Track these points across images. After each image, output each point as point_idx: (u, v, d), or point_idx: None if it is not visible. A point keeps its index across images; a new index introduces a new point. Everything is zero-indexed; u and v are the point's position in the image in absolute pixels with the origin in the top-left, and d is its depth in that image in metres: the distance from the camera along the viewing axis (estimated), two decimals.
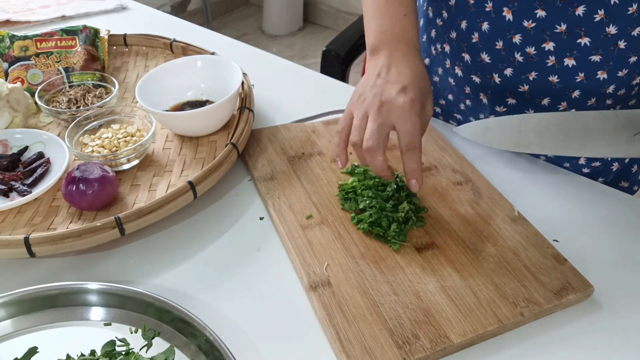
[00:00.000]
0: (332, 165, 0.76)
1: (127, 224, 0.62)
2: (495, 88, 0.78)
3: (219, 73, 0.84)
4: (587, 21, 0.67)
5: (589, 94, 0.74)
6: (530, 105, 0.77)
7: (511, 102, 0.78)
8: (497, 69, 0.76)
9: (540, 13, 0.69)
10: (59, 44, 0.93)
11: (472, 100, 0.83)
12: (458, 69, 0.81)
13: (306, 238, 0.65)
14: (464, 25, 0.77)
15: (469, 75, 0.80)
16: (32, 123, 0.84)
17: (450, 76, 0.83)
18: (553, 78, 0.73)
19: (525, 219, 0.67)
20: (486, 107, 0.81)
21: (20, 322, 0.56)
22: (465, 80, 0.81)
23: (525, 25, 0.70)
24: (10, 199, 0.68)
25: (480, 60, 0.77)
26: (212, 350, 0.51)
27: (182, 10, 3.22)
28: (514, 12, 0.70)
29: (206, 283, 0.62)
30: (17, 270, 0.63)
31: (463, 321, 0.55)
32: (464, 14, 0.76)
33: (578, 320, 0.58)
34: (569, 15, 0.68)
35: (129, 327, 0.55)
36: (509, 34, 0.72)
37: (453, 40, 0.80)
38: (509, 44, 0.73)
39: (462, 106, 0.86)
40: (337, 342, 0.53)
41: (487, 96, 0.80)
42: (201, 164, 0.75)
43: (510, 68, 0.75)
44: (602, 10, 0.66)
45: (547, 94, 0.75)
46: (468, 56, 0.78)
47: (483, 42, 0.75)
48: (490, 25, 0.73)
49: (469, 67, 0.79)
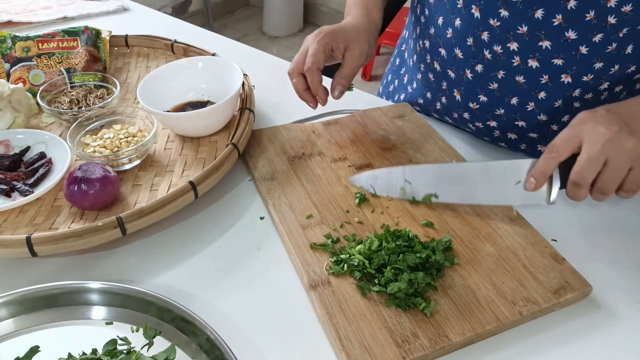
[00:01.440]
0: (332, 165, 0.77)
1: (129, 224, 0.62)
2: (468, 84, 0.81)
3: (220, 74, 0.85)
4: (546, 25, 0.69)
5: (554, 97, 0.75)
6: (501, 104, 0.79)
7: (483, 99, 0.81)
8: (469, 64, 0.79)
9: (503, 13, 0.71)
10: (61, 44, 0.93)
11: (447, 97, 0.86)
12: (436, 63, 0.85)
13: (306, 238, 0.65)
14: (440, 21, 0.81)
15: (445, 70, 0.83)
16: (33, 123, 0.84)
17: (430, 71, 0.87)
18: (519, 78, 0.75)
19: (523, 219, 0.68)
20: (460, 104, 0.84)
21: (22, 321, 0.56)
22: (442, 75, 0.84)
23: (491, 24, 0.73)
24: (12, 199, 0.69)
25: (454, 55, 0.80)
26: (213, 349, 0.52)
27: (183, 12, 3.23)
28: (481, 10, 0.73)
29: (207, 282, 0.62)
30: (19, 269, 0.64)
31: (462, 320, 0.55)
32: (441, 11, 0.80)
33: (576, 319, 0.58)
34: (529, 17, 0.69)
35: (130, 326, 0.55)
36: (477, 31, 0.75)
37: (432, 35, 0.84)
38: (478, 40, 0.75)
39: (437, 105, 0.89)
40: (337, 341, 0.54)
41: (460, 92, 0.83)
42: (202, 164, 0.75)
43: (480, 64, 0.77)
44: (559, 15, 0.67)
45: (515, 93, 0.77)
46: (444, 51, 0.82)
47: (456, 38, 0.78)
48: (461, 21, 0.76)
49: (445, 61, 0.83)
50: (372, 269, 0.59)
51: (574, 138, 0.58)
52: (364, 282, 0.59)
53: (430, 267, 0.60)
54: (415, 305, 0.56)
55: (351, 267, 0.60)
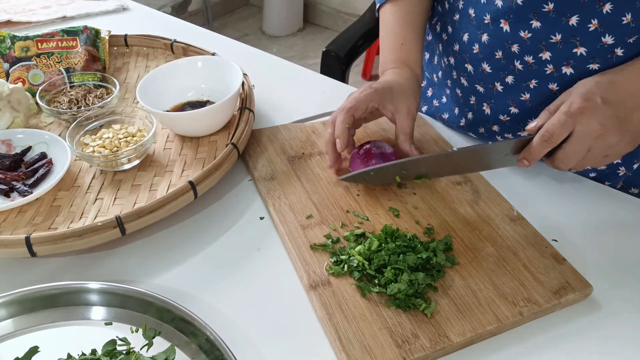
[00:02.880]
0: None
1: (128, 224, 0.62)
2: (499, 96, 0.79)
3: (220, 73, 0.84)
4: (582, 31, 0.67)
5: None
6: (532, 114, 0.77)
7: (514, 111, 0.79)
8: (499, 77, 0.77)
9: (535, 24, 0.70)
10: (60, 44, 0.93)
11: (474, 113, 0.84)
12: (463, 79, 0.83)
13: (306, 238, 0.65)
14: (465, 38, 0.79)
15: (473, 85, 0.82)
16: (33, 123, 0.84)
17: (457, 87, 0.86)
18: (553, 86, 0.73)
19: (524, 219, 0.68)
20: (489, 118, 0.82)
21: (21, 322, 0.56)
22: (470, 90, 0.83)
23: (522, 36, 0.71)
24: (11, 199, 0.68)
25: (481, 70, 0.79)
26: (212, 350, 0.52)
27: (183, 11, 3.22)
28: (510, 23, 0.72)
29: (207, 282, 0.62)
30: (18, 269, 0.64)
31: (462, 320, 0.55)
32: (466, 27, 0.79)
33: (577, 320, 0.58)
34: (563, 25, 0.68)
35: (130, 327, 0.55)
36: (507, 44, 0.73)
37: (457, 52, 0.82)
38: (507, 53, 0.74)
39: (462, 121, 0.87)
40: (337, 342, 0.53)
41: (490, 106, 0.81)
42: (202, 164, 0.75)
43: (511, 76, 0.76)
44: (595, 20, 0.66)
45: (549, 102, 0.74)
46: (470, 67, 0.80)
47: (483, 53, 0.77)
48: (489, 36, 0.75)
49: (472, 77, 0.81)
50: (371, 270, 0.59)
51: (569, 126, 0.61)
52: (364, 282, 0.59)
53: (431, 268, 0.60)
54: (416, 306, 0.56)
55: (351, 268, 0.60)
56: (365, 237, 0.64)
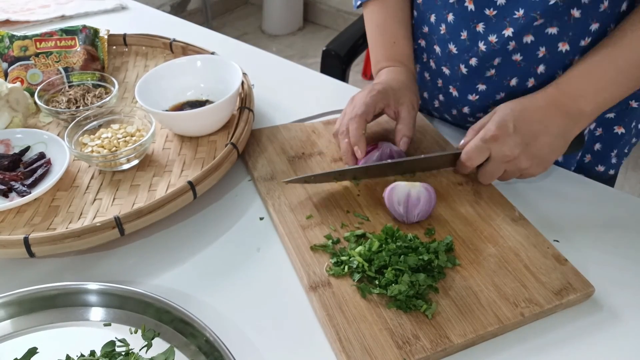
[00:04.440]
0: (333, 166, 0.76)
1: (127, 224, 0.62)
2: (463, 79, 0.81)
3: (219, 73, 0.84)
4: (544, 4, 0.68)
5: (554, 68, 0.75)
6: (500, 88, 0.79)
7: (481, 88, 0.81)
8: (463, 59, 0.79)
9: (500, 0, 0.71)
10: (59, 43, 0.93)
11: (444, 95, 0.86)
12: (432, 61, 0.85)
13: (306, 238, 0.64)
14: (432, 19, 0.81)
15: (440, 67, 0.83)
16: (31, 123, 0.84)
17: (426, 70, 0.88)
18: (516, 56, 0.75)
19: (525, 219, 0.67)
20: (458, 100, 0.84)
21: (20, 323, 0.56)
22: (437, 72, 0.85)
23: (487, 14, 0.73)
24: (10, 199, 0.68)
25: (448, 51, 0.80)
26: (212, 351, 0.51)
27: (182, 10, 3.22)
28: (475, 2, 0.73)
29: (206, 283, 0.62)
30: (16, 270, 0.63)
31: (463, 321, 0.55)
32: (432, 8, 0.81)
33: (579, 321, 0.58)
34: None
35: (129, 328, 0.55)
36: (472, 23, 0.75)
37: (426, 34, 0.84)
38: (472, 33, 0.75)
39: (436, 103, 0.89)
40: (337, 342, 0.53)
41: (456, 88, 0.83)
42: (201, 164, 0.75)
43: (474, 58, 0.77)
44: None
45: (514, 73, 0.77)
46: (439, 48, 0.82)
47: (450, 33, 0.78)
48: (455, 15, 0.76)
49: (440, 58, 0.83)
50: (371, 272, 0.59)
51: (485, 151, 0.67)
52: (364, 283, 0.59)
53: (431, 269, 0.59)
54: (417, 307, 0.56)
55: (351, 269, 0.60)
56: (366, 238, 0.64)
